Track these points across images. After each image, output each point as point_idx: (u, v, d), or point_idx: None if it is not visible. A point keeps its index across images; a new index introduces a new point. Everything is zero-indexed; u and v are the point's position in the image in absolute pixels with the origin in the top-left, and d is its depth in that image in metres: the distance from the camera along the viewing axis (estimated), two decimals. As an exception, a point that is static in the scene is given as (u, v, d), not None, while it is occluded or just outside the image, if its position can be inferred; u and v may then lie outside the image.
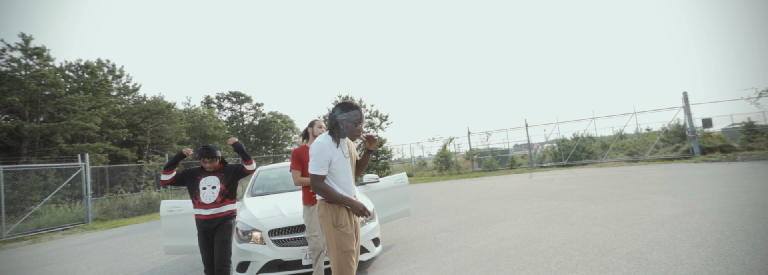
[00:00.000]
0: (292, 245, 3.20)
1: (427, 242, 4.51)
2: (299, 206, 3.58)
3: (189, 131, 21.60)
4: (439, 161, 18.44)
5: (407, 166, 19.62)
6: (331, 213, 2.09)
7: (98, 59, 19.78)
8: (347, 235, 2.07)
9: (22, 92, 14.72)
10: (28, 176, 12.17)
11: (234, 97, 32.38)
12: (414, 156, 22.52)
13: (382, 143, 17.63)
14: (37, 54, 16.25)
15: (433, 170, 18.73)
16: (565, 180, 9.52)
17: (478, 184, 11.14)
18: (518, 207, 6.27)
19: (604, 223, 4.40)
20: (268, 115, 32.54)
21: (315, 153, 2.06)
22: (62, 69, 18.04)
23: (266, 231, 3.21)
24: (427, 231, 5.09)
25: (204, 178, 3.00)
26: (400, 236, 4.98)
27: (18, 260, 5.74)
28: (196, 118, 22.73)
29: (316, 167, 2.03)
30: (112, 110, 17.50)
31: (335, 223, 2.07)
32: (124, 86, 20.92)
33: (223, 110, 31.97)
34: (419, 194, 10.06)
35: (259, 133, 30.83)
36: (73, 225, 9.16)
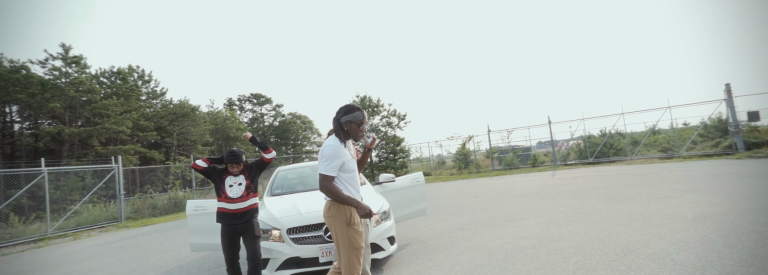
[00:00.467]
0: (309, 243, 3.28)
1: (443, 241, 4.50)
2: (317, 205, 3.66)
3: (212, 133, 22.43)
4: (458, 160, 18.24)
5: (426, 165, 19.54)
6: (344, 212, 2.17)
7: (129, 65, 20.89)
8: (359, 233, 2.16)
9: (62, 98, 15.77)
10: (68, 177, 13.04)
11: (255, 98, 33.30)
12: (433, 155, 22.39)
13: (400, 142, 17.62)
14: (75, 62, 17.35)
15: (452, 168, 18.56)
16: (589, 178, 9.20)
17: (498, 183, 10.95)
18: (538, 205, 6.12)
19: (629, 222, 4.24)
20: (287, 116, 33.25)
21: (329, 155, 2.14)
22: (97, 76, 19.16)
23: (285, 229, 3.31)
24: (443, 230, 5.07)
25: (229, 177, 3.14)
26: (417, 235, 4.99)
27: (61, 255, 6.18)
28: (219, 120, 23.57)
29: (329, 169, 2.12)
30: (141, 114, 18.43)
31: (349, 222, 2.15)
32: (152, 90, 21.97)
33: (244, 111, 32.94)
34: (437, 193, 10.01)
35: (279, 133, 31.55)
36: (108, 223, 9.74)
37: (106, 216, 10.03)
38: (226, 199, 3.05)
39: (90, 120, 16.69)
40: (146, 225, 9.19)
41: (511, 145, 18.39)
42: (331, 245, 3.30)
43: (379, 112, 17.80)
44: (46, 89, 15.52)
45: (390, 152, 17.22)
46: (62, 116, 16.35)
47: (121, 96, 17.81)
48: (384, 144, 17.38)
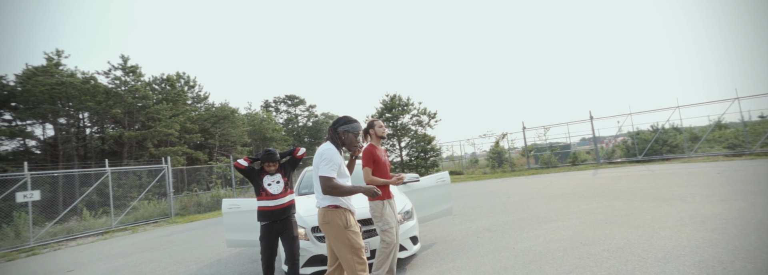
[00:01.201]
0: (332, 241, 3.38)
1: (469, 241, 4.41)
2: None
3: (250, 134, 23.69)
4: (491, 158, 17.69)
5: (457, 163, 19.17)
6: (340, 217, 2.25)
7: (176, 72, 22.67)
8: (357, 234, 2.26)
9: (122, 104, 17.49)
10: (128, 176, 14.45)
11: (289, 100, 34.62)
12: (465, 153, 21.91)
13: (431, 140, 17.45)
14: (132, 71, 19.17)
15: (485, 167, 18.04)
16: (636, 178, 8.52)
17: (533, 182, 10.48)
18: (574, 206, 5.79)
19: (677, 227, 3.88)
20: (320, 116, 34.20)
21: (330, 158, 2.23)
22: (150, 83, 20.98)
23: (309, 227, 3.43)
24: (470, 231, 4.97)
25: (266, 176, 3.32)
26: (443, 234, 4.93)
27: (122, 247, 6.89)
28: (256, 121, 24.83)
29: (330, 171, 2.20)
30: (187, 117, 19.93)
31: (346, 225, 2.24)
32: (196, 95, 23.65)
33: (279, 112, 34.39)
34: (467, 192, 9.80)
35: (313, 134, 32.55)
36: (160, 218, 10.68)
37: (159, 212, 11.00)
38: (266, 197, 3.21)
39: (145, 124, 18.36)
40: (192, 221, 9.96)
41: (549, 142, 17.47)
42: (354, 244, 3.37)
43: (409, 111, 17.73)
44: (109, 96, 17.29)
45: (420, 150, 17.11)
46: (122, 121, 18.14)
47: (170, 101, 19.40)
48: (414, 143, 17.30)
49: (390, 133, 17.44)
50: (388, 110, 17.57)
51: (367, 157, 3.12)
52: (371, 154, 3.12)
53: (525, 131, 16.88)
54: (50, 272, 5.25)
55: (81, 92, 16.66)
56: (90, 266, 5.35)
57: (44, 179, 12.69)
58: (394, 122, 17.52)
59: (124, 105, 17.55)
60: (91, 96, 16.83)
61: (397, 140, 17.67)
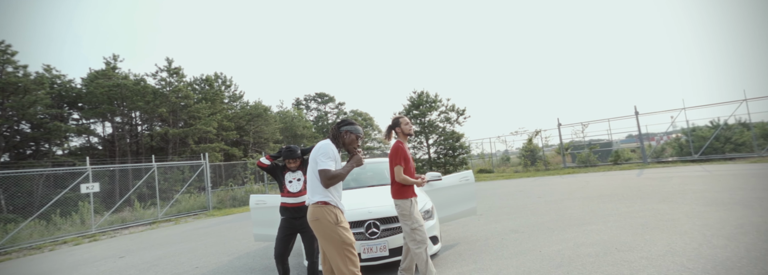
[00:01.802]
0: (352, 239, 3.41)
1: (493, 243, 4.26)
2: (360, 203, 3.78)
3: (282, 131, 24.61)
4: (523, 156, 16.99)
5: (488, 161, 18.62)
6: (329, 214, 2.22)
7: (214, 73, 24.03)
8: (347, 229, 2.25)
9: (167, 104, 18.87)
10: (172, 171, 15.60)
11: (319, 98, 35.46)
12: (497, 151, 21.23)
13: (459, 138, 17.08)
14: (176, 73, 20.58)
15: (517, 166, 17.37)
16: (688, 179, 7.77)
17: (568, 182, 9.92)
18: (612, 209, 5.40)
19: (736, 235, 3.47)
20: (349, 113, 34.69)
21: (328, 152, 2.26)
22: (191, 83, 22.43)
23: (330, 224, 3.49)
24: (495, 231, 4.80)
25: (288, 173, 3.40)
26: (466, 235, 4.81)
27: (166, 237, 7.46)
28: (287, 119, 25.74)
29: (329, 165, 2.23)
30: (224, 116, 21.08)
31: (336, 221, 2.21)
32: (233, 94, 24.91)
33: (310, 110, 35.35)
34: (495, 191, 9.49)
35: (342, 131, 33.14)
36: (199, 211, 11.43)
37: (198, 205, 11.78)
38: (287, 194, 3.29)
39: (187, 122, 19.68)
40: (228, 215, 10.55)
41: (588, 139, 16.41)
42: (373, 242, 3.38)
43: (437, 107, 17.44)
44: (156, 96, 18.72)
45: (449, 148, 16.81)
46: (168, 119, 19.58)
47: (208, 100, 20.62)
48: (442, 140, 17.03)
49: (417, 130, 17.28)
50: (415, 106, 17.41)
51: (398, 154, 3.01)
52: (401, 151, 3.02)
53: (560, 128, 15.99)
54: (106, 257, 5.80)
55: (133, 92, 18.19)
56: (138, 253, 5.85)
57: (103, 172, 14.06)
58: (422, 119, 17.33)
59: (169, 104, 18.91)
60: (141, 96, 18.31)
61: (424, 137, 17.48)
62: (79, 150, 18.67)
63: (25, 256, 6.86)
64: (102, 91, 17.78)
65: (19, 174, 10.33)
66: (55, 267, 5.41)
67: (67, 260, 5.94)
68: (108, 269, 4.91)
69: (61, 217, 9.64)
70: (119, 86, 17.99)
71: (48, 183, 14.47)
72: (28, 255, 6.95)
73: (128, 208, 11.25)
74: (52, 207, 9.57)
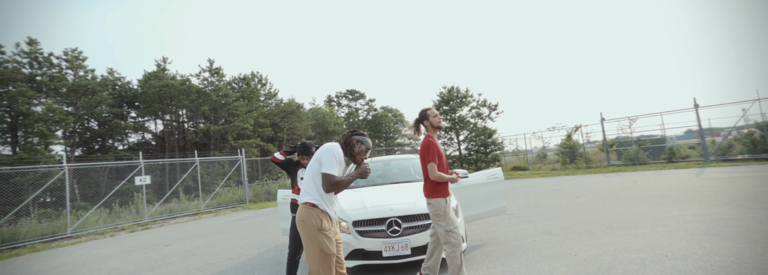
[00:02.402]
0: (373, 236, 3.40)
1: (524, 244, 4.05)
2: (383, 200, 3.76)
3: (314, 128, 25.28)
4: (561, 153, 16.04)
5: (522, 159, 17.81)
6: (315, 218, 2.13)
7: (251, 72, 25.17)
8: (329, 239, 2.12)
9: (209, 102, 20.11)
10: (214, 165, 16.64)
11: (350, 94, 35.89)
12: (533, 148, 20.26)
13: (492, 134, 16.50)
14: (216, 73, 21.84)
15: (555, 163, 16.45)
16: (762, 180, 6.87)
17: (612, 181, 9.20)
18: (663, 211, 4.92)
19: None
20: (379, 110, 34.82)
21: (334, 155, 2.19)
22: (230, 82, 23.68)
23: (351, 221, 3.50)
24: (526, 232, 4.56)
25: (301, 169, 3.47)
26: (495, 235, 4.63)
27: (206, 228, 7.99)
28: (319, 116, 26.36)
29: (334, 169, 2.16)
30: (260, 113, 22.06)
31: (320, 227, 2.11)
32: (268, 92, 25.96)
33: (341, 107, 35.92)
34: (529, 190, 9.04)
35: (372, 127, 33.34)
36: (237, 204, 12.10)
37: (236, 198, 12.47)
38: (298, 191, 3.36)
39: (226, 119, 20.86)
40: (262, 208, 11.07)
41: (638, 135, 15.08)
42: (395, 240, 3.35)
43: (468, 103, 16.95)
44: (199, 95, 20.01)
45: (480, 144, 16.30)
46: (210, 117, 20.87)
47: (245, 98, 21.66)
48: (473, 136, 16.54)
49: (448, 126, 16.92)
50: (445, 102, 17.05)
51: (430, 150, 2.79)
52: (433, 146, 2.80)
53: (603, 123, 14.85)
54: (154, 244, 6.33)
55: (180, 92, 19.58)
56: (181, 242, 6.31)
57: (155, 166, 15.33)
58: (452, 115, 16.94)
59: (211, 103, 20.14)
60: (187, 95, 19.67)
61: (455, 133, 17.08)
62: (136, 145, 20.52)
63: (91, 240, 7.68)
64: (154, 91, 19.35)
65: (89, 167, 11.54)
66: (113, 252, 6.00)
67: (123, 245, 6.56)
68: (155, 256, 5.34)
69: (120, 206, 10.68)
70: (168, 86, 19.45)
71: (111, 175, 16.09)
72: (93, 239, 7.78)
73: (175, 199, 12.18)
74: (113, 196, 10.63)
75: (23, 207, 9.03)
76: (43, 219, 9.85)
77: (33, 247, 7.25)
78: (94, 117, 18.75)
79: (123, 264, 5.02)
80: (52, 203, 13.09)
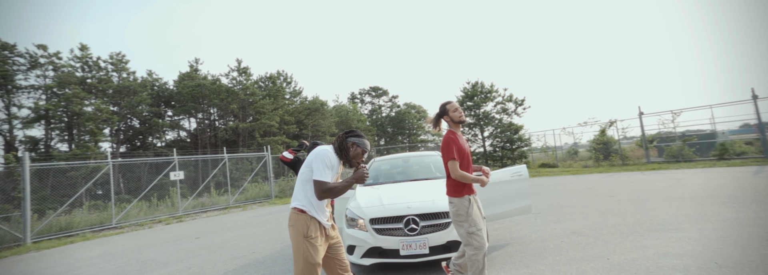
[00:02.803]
0: (390, 234, 3.35)
1: (550, 245, 3.85)
2: (400, 198, 3.69)
3: (338, 125, 25.59)
4: (594, 150, 15.16)
5: (551, 155, 17.04)
6: (303, 224, 2.09)
7: (277, 70, 25.87)
8: (315, 247, 2.06)
9: (237, 101, 20.89)
10: (242, 161, 17.30)
11: (373, 91, 35.97)
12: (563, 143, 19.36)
13: (518, 130, 15.92)
14: (244, 72, 22.64)
15: (587, 160, 15.60)
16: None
17: (651, 179, 8.57)
18: (713, 213, 4.49)
19: None
20: (402, 106, 34.65)
21: (325, 160, 2.10)
22: (257, 81, 24.45)
23: (367, 219, 3.46)
24: (553, 233, 4.34)
25: None
26: (519, 235, 4.44)
27: (233, 222, 8.32)
28: (343, 113, 26.63)
29: (326, 175, 2.08)
30: (285, 111, 22.63)
31: (305, 234, 2.06)
32: (293, 89, 26.56)
33: (364, 103, 36.09)
34: (558, 188, 8.62)
35: (396, 123, 33.28)
36: (263, 199, 12.51)
37: (262, 193, 12.89)
38: None
39: (254, 117, 21.58)
40: (287, 203, 11.35)
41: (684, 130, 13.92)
42: (412, 238, 3.28)
43: (493, 98, 16.44)
44: (229, 94, 20.84)
45: (506, 141, 15.77)
46: (238, 115, 21.69)
47: (271, 96, 22.28)
48: (498, 132, 16.03)
49: (472, 122, 16.50)
50: (469, 98, 16.63)
51: (449, 147, 2.64)
52: (453, 143, 2.64)
53: (642, 117, 13.85)
54: (186, 237, 6.67)
55: (210, 91, 20.49)
56: (210, 235, 6.60)
57: (188, 162, 16.18)
58: (476, 110, 16.49)
59: (239, 101, 20.92)
60: (217, 94, 20.54)
61: (479, 129, 16.64)
62: (172, 143, 21.77)
63: (132, 231, 8.24)
64: (187, 91, 20.39)
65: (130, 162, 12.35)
66: (149, 243, 6.39)
67: (158, 237, 6.97)
68: (186, 248, 5.62)
69: (158, 200, 11.37)
70: (200, 86, 20.41)
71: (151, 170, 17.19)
72: (134, 230, 8.34)
73: (207, 194, 12.78)
74: (151, 190, 11.33)
75: (77, 198, 9.87)
76: (93, 210, 10.71)
77: (84, 236, 7.87)
78: (135, 116, 20.08)
79: (157, 254, 5.32)
80: (102, 195, 14.21)
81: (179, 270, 4.32)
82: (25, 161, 7.75)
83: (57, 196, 13.41)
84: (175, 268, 4.43)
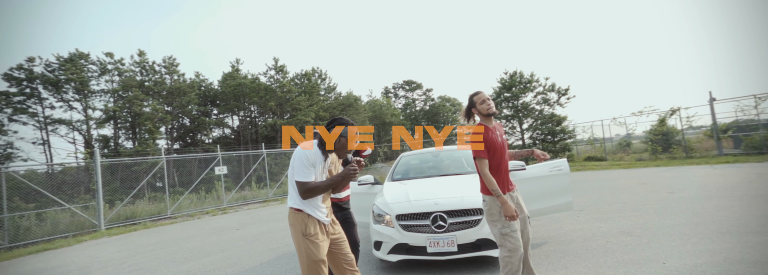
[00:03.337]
0: (416, 231, 3.26)
1: (595, 245, 3.52)
2: (428, 193, 3.57)
3: (371, 120, 25.75)
4: (651, 141, 13.73)
5: (598, 148, 15.73)
6: (300, 223, 2.04)
7: (312, 67, 26.52)
8: (315, 244, 2.02)
9: (275, 98, 21.78)
10: (280, 157, 18.07)
11: (407, 85, 35.65)
12: (616, 135, 17.83)
13: (561, 121, 14.89)
14: (280, 70, 23.52)
15: (642, 152, 14.20)
16: None
17: (724, 174, 7.56)
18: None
19: None
20: (437, 99, 34.00)
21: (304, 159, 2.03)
22: (293, 79, 25.29)
23: (394, 215, 3.39)
24: (599, 232, 3.97)
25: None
26: (558, 233, 4.12)
27: (271, 214, 8.71)
28: (376, 107, 26.70)
29: (306, 175, 2.01)
30: (320, 106, 23.18)
31: (304, 232, 2.02)
32: (328, 86, 27.12)
33: (398, 98, 35.92)
34: (606, 182, 7.92)
35: (430, 117, 32.78)
36: (301, 191, 12.96)
37: (300, 187, 13.36)
38: None
39: (291, 113, 22.40)
40: (323, 195, 11.64)
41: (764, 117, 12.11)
42: (440, 235, 3.16)
43: (532, 88, 15.48)
44: (267, 92, 21.80)
45: (547, 133, 14.82)
46: (276, 111, 22.64)
47: (306, 93, 22.93)
48: (539, 124, 15.10)
49: (509, 114, 15.70)
50: (506, 89, 15.80)
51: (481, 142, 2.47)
52: (483, 139, 2.47)
53: (714, 104, 12.23)
54: (229, 228, 7.10)
55: (250, 89, 21.57)
56: (250, 227, 6.96)
57: (231, 157, 17.23)
58: (514, 102, 15.65)
59: (277, 99, 21.80)
60: (256, 93, 21.57)
61: (517, 121, 15.79)
62: (218, 139, 23.34)
63: (184, 221, 8.96)
64: (229, 90, 21.65)
65: (180, 158, 13.41)
66: (197, 233, 6.89)
67: (204, 227, 7.50)
68: (228, 238, 5.98)
69: (205, 193, 12.26)
70: (241, 85, 21.56)
71: (200, 165, 18.59)
72: (185, 220, 9.06)
73: (248, 187, 13.54)
74: (200, 184, 12.24)
75: (139, 190, 10.96)
76: (153, 202, 11.83)
77: (145, 224, 8.71)
78: (186, 115, 21.77)
79: (202, 244, 5.71)
80: (160, 188, 15.65)
81: (220, 260, 4.59)
82: (96, 157, 8.71)
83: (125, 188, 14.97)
84: (216, 258, 4.72)
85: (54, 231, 8.02)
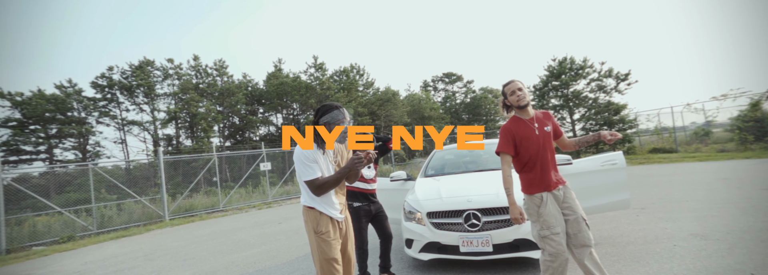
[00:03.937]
0: (448, 229, 3.09)
1: (658, 249, 3.09)
2: (461, 190, 3.37)
3: (410, 114, 25.47)
4: (738, 129, 11.81)
5: (666, 138, 13.95)
6: (312, 220, 1.99)
7: (350, 64, 26.85)
8: (327, 242, 1.98)
9: (315, 95, 22.46)
10: (321, 152, 18.67)
11: (446, 78, 34.71)
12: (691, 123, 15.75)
13: (620, 109, 13.47)
14: (320, 68, 24.16)
15: (725, 142, 12.32)
16: None
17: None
18: None
19: None
20: (478, 91, 32.70)
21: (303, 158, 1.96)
22: (332, 76, 25.85)
23: (425, 212, 3.25)
24: (663, 234, 3.48)
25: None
26: (613, 234, 3.69)
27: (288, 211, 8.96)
28: (415, 101, 26.35)
29: (310, 174, 1.94)
30: (359, 102, 23.43)
31: (316, 229, 1.97)
32: (366, 81, 27.31)
33: (437, 91, 35.14)
34: (676, 178, 6.97)
35: (471, 110, 31.66)
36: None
37: (339, 181, 13.65)
38: (362, 179, 3.27)
39: (330, 111, 23.07)
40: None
41: None
42: (473, 235, 2.96)
43: (585, 75, 14.14)
44: (307, 90, 22.54)
45: (603, 123, 13.48)
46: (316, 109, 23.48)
47: (345, 90, 23.30)
48: (592, 114, 13.79)
49: (558, 104, 14.53)
50: (555, 76, 14.62)
51: (504, 137, 2.32)
52: (505, 132, 2.33)
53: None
54: (272, 221, 7.46)
55: (292, 88, 22.46)
56: (290, 221, 7.24)
57: (275, 153, 18.14)
58: (564, 90, 14.44)
59: (316, 96, 22.46)
60: (297, 91, 22.40)
61: (568, 112, 14.57)
62: (264, 137, 24.72)
63: (233, 214, 9.62)
64: (273, 89, 22.73)
65: (229, 155, 14.41)
66: (243, 226, 7.33)
67: (251, 220, 7.96)
68: (270, 231, 6.27)
69: (253, 187, 13.05)
70: (283, 84, 22.53)
71: (249, 161, 19.88)
72: (235, 213, 9.72)
73: (291, 183, 14.15)
74: (247, 179, 13.05)
75: (196, 185, 12.02)
76: (208, 195, 12.88)
77: (201, 216, 9.50)
78: (235, 114, 23.33)
79: (247, 236, 6.05)
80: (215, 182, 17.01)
81: (261, 253, 4.80)
82: (159, 155, 9.66)
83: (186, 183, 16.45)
84: (258, 250, 4.95)
85: (129, 219, 9.08)
